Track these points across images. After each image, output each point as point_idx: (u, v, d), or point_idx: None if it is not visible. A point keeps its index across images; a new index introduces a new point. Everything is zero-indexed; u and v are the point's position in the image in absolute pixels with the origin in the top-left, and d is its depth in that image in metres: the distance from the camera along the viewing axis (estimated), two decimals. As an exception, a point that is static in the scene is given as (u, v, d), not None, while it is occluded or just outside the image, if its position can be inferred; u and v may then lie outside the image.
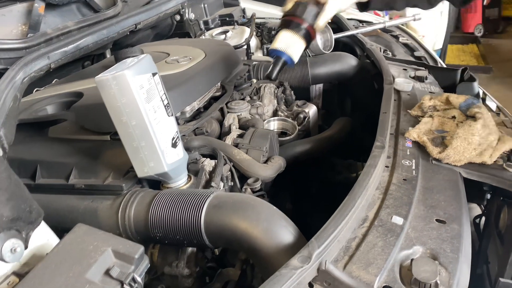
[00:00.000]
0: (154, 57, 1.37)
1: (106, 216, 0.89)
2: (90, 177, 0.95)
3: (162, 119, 0.86)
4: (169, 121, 0.89)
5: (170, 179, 0.92)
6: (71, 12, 1.50)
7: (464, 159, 0.93)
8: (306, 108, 1.48)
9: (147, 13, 1.57)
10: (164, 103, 0.88)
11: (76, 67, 1.61)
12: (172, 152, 0.88)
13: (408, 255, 0.72)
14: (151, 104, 0.83)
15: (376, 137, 0.98)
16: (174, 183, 0.94)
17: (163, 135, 0.86)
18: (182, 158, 0.92)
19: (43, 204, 0.90)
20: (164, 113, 0.87)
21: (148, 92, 0.82)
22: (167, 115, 0.88)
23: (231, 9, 2.33)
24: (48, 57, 1.12)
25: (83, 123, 1.05)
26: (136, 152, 0.85)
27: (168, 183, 0.94)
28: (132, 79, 0.79)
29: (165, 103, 0.88)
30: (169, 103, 0.90)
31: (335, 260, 0.70)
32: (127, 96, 0.80)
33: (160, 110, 0.86)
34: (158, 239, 0.85)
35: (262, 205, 0.80)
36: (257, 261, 0.76)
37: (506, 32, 6.85)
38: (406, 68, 1.52)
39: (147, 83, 0.83)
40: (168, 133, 0.88)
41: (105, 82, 0.79)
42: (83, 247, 0.67)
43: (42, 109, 1.17)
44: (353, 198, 0.77)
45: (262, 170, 1.08)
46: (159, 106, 0.86)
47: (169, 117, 0.89)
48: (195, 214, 0.79)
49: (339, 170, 1.64)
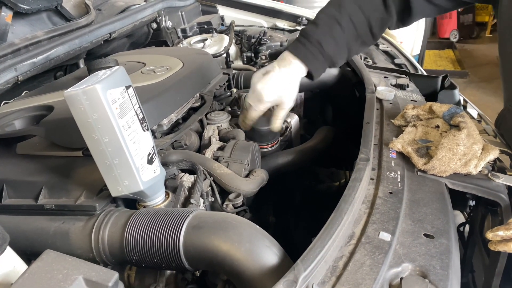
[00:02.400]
0: (129, 67, 1.34)
1: (79, 238, 0.83)
2: (61, 196, 0.90)
3: (137, 134, 0.81)
4: (144, 136, 0.84)
5: (146, 197, 0.87)
6: (41, 21, 1.44)
7: (450, 169, 0.91)
8: (288, 118, 1.46)
9: (122, 22, 1.52)
10: (139, 117, 0.83)
11: (48, 78, 1.54)
12: (148, 169, 0.84)
13: (397, 273, 0.69)
14: (124, 119, 0.78)
15: (360, 149, 0.96)
16: (151, 201, 0.89)
17: (138, 151, 0.81)
18: (159, 175, 0.88)
19: (9, 226, 0.85)
20: (139, 128, 0.82)
21: (121, 107, 0.78)
22: (142, 130, 0.83)
23: (209, 17, 2.30)
24: (15, 69, 1.07)
25: (53, 139, 0.99)
26: (110, 170, 0.80)
27: (144, 202, 0.89)
28: (103, 93, 0.74)
29: (140, 117, 0.83)
30: (144, 117, 0.85)
31: (322, 282, 0.67)
32: (99, 111, 0.74)
33: (134, 125, 0.81)
34: (134, 262, 0.80)
35: (245, 225, 0.76)
36: (240, 285, 0.72)
37: (480, 38, 7.05)
38: (387, 76, 1.51)
39: (120, 97, 0.78)
40: (144, 149, 0.83)
41: (74, 97, 0.74)
42: (52, 276, 0.61)
43: (10, 123, 1.10)
44: (339, 215, 0.74)
45: (244, 185, 1.04)
46: (133, 121, 0.81)
47: (144, 131, 0.84)
48: (173, 235, 0.75)
49: (321, 179, 1.62)
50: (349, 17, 1.11)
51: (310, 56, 1.12)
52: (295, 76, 1.14)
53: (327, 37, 1.11)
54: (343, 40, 1.13)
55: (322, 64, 1.15)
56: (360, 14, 1.12)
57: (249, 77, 1.63)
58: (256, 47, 1.90)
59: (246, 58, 1.93)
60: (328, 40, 1.11)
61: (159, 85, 1.17)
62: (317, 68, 1.14)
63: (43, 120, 1.03)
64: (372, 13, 1.13)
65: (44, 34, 1.25)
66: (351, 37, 1.14)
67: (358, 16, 1.12)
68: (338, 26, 1.11)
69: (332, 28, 1.11)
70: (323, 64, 1.15)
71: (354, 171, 0.88)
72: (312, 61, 1.13)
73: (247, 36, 1.99)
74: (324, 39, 1.11)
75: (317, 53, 1.12)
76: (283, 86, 1.13)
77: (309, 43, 1.11)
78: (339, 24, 1.11)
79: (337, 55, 1.15)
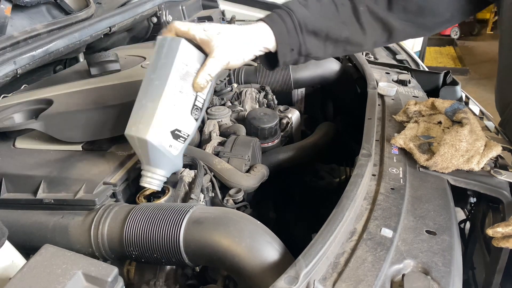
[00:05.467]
0: (129, 61, 1.32)
1: (78, 233, 0.83)
2: (60, 191, 0.89)
3: (180, 106, 0.86)
4: (184, 114, 0.87)
5: (146, 158, 0.87)
6: (40, 14, 1.42)
7: (452, 166, 0.91)
8: (289, 113, 1.45)
9: (122, 15, 1.51)
10: (194, 101, 0.88)
11: (47, 72, 1.53)
12: (166, 135, 0.85)
13: (399, 270, 0.68)
14: (182, 83, 0.84)
15: (362, 145, 0.95)
16: (147, 174, 0.89)
17: (170, 115, 0.85)
18: (171, 158, 0.88)
19: (8, 221, 0.85)
20: (187, 106, 0.87)
21: (186, 73, 0.84)
22: (188, 110, 0.87)
23: (210, 11, 2.28)
24: (14, 62, 1.05)
25: (52, 133, 0.98)
26: (139, 108, 0.85)
27: (143, 168, 0.89)
28: (183, 49, 0.83)
29: (195, 102, 0.88)
30: (199, 108, 0.90)
31: (323, 278, 0.66)
32: (168, 59, 0.83)
33: (185, 97, 0.86)
34: (134, 258, 0.79)
35: (245, 220, 0.75)
36: (241, 281, 0.71)
37: (481, 35, 7.03)
38: (389, 72, 1.50)
39: (192, 68, 0.85)
40: (176, 121, 0.86)
41: (162, 40, 0.86)
42: (51, 271, 0.61)
43: (9, 117, 1.09)
44: (341, 210, 0.73)
45: (244, 180, 1.03)
46: (187, 94, 0.86)
47: (189, 114, 0.88)
48: (173, 231, 0.74)
49: (322, 175, 1.61)
50: None
51: (274, 17, 0.94)
52: (251, 31, 0.91)
53: (298, 4, 0.96)
54: (318, 13, 0.96)
55: (290, 32, 0.93)
56: None
57: (249, 72, 1.62)
58: (256, 42, 1.89)
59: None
60: (299, 7, 0.95)
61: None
62: (280, 32, 0.92)
63: (42, 114, 1.03)
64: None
65: (43, 27, 1.24)
66: (330, 15, 0.96)
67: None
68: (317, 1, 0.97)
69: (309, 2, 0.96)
70: (290, 32, 0.93)
71: (355, 167, 0.87)
72: (277, 22, 0.93)
73: (248, 31, 1.97)
74: (294, 5, 0.95)
75: (287, 18, 0.93)
76: (227, 27, 0.90)
77: (278, 9, 0.96)
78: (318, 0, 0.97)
79: (308, 24, 0.94)
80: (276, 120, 1.29)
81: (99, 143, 1.01)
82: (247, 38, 0.90)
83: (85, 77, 1.23)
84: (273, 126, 1.27)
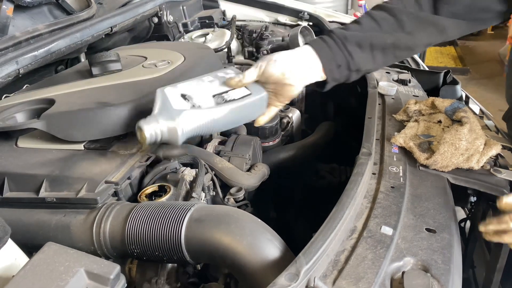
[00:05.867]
0: (130, 61, 1.33)
1: (80, 231, 0.83)
2: (62, 189, 0.89)
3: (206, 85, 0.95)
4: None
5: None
6: (42, 14, 1.43)
7: (452, 164, 0.91)
8: (289, 113, 1.45)
9: (124, 16, 1.51)
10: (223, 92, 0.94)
11: (49, 72, 1.53)
12: (174, 91, 0.92)
13: (399, 267, 0.69)
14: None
15: (362, 143, 0.96)
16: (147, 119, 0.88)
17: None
18: (169, 106, 0.89)
19: (11, 219, 0.85)
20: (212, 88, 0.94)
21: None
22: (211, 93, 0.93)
23: (211, 11, 2.28)
24: (16, 62, 1.06)
25: (54, 132, 0.99)
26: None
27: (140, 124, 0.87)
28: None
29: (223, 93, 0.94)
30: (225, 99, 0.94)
31: (323, 275, 0.67)
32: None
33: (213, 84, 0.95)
34: (136, 256, 0.80)
35: (246, 218, 0.76)
36: (242, 278, 0.72)
37: (482, 34, 7.01)
38: (389, 71, 1.51)
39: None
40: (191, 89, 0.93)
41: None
42: (53, 268, 0.61)
43: (11, 117, 1.10)
44: (341, 209, 0.74)
45: (245, 179, 1.04)
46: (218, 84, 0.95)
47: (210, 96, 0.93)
48: (175, 228, 0.75)
49: (322, 175, 1.62)
50: (369, 16, 0.99)
51: (315, 39, 0.97)
52: (303, 55, 0.95)
53: (338, 28, 0.99)
54: (358, 30, 0.97)
55: (332, 48, 0.95)
56: (384, 14, 0.98)
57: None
58: (257, 42, 1.89)
59: (248, 53, 1.93)
60: (338, 29, 0.98)
61: (161, 79, 1.16)
62: (321, 48, 0.95)
63: (44, 113, 1.03)
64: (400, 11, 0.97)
65: (45, 28, 1.25)
66: (372, 30, 0.97)
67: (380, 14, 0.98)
68: (355, 23, 0.99)
69: (348, 25, 0.99)
70: (332, 48, 0.95)
71: (356, 166, 0.88)
72: (317, 41, 0.96)
73: (249, 31, 1.98)
74: (336, 30, 0.98)
75: (327, 38, 0.96)
76: (290, 62, 0.93)
77: (322, 36, 0.99)
78: (357, 23, 0.99)
79: (349, 37, 0.95)
80: (276, 119, 1.30)
81: (101, 142, 1.01)
82: (303, 65, 0.94)
83: (87, 77, 1.24)
84: (273, 125, 1.28)
